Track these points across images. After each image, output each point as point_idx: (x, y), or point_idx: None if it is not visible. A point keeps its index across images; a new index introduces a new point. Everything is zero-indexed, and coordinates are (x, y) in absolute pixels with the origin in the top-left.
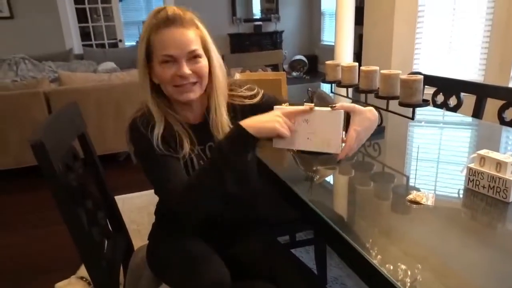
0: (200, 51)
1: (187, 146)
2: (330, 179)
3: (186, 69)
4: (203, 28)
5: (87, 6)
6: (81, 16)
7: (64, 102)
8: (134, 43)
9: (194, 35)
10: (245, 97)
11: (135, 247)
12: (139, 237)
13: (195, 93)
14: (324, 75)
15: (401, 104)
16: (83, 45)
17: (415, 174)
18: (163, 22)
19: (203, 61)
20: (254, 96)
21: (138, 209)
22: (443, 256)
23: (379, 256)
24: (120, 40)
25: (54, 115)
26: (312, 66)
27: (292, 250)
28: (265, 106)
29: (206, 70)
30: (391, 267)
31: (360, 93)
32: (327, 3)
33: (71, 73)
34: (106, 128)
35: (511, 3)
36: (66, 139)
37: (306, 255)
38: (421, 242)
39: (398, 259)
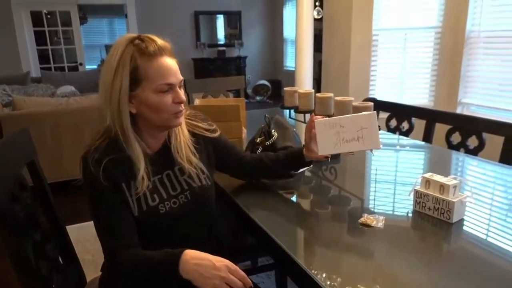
0: None
1: (141, 184)
2: (291, 201)
3: (184, 96)
4: None
5: (46, 28)
6: (40, 38)
7: (18, 127)
8: (95, 67)
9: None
10: (206, 130)
11: (90, 279)
12: (94, 268)
13: (182, 118)
14: None
15: None
16: (41, 68)
17: (370, 197)
18: (157, 51)
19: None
20: (214, 131)
21: (94, 238)
22: (392, 278)
23: (329, 281)
24: (81, 64)
25: (0, 143)
26: (276, 90)
27: (254, 276)
28: (222, 144)
29: None
30: None
31: None
32: (289, 31)
33: (26, 97)
34: (63, 154)
35: (457, 35)
36: (13, 167)
37: (267, 280)
38: (371, 264)
39: (348, 283)
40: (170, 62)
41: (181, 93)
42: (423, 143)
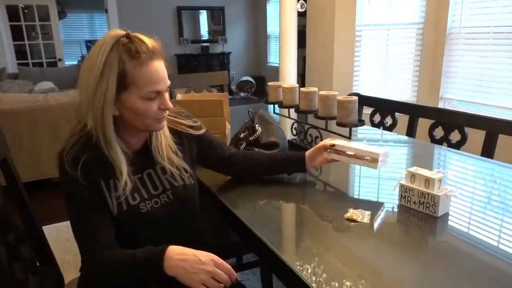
0: None
1: (122, 186)
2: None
3: (170, 103)
4: None
5: (23, 23)
6: (17, 33)
7: None
8: (75, 62)
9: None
10: (190, 127)
11: (71, 279)
12: (75, 269)
13: (165, 122)
14: None
15: (338, 124)
16: (18, 64)
17: (355, 192)
18: (147, 55)
19: None
20: (198, 128)
21: (74, 237)
22: (377, 273)
23: (314, 277)
24: (60, 59)
25: None
26: (260, 87)
27: (239, 273)
28: (207, 141)
29: None
30: None
31: (300, 114)
32: (273, 27)
33: (1, 93)
34: (41, 152)
35: (438, 31)
36: None
37: (252, 277)
38: (357, 259)
39: (333, 279)
40: (159, 67)
41: (167, 98)
42: (406, 137)
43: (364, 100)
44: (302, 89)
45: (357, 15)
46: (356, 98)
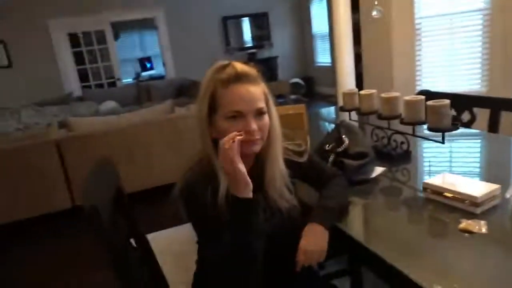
0: (265, 108)
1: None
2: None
3: (254, 125)
4: (264, 84)
5: (83, 49)
6: (78, 59)
7: (76, 149)
8: (131, 80)
9: (260, 92)
10: (295, 153)
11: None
12: None
13: (258, 147)
14: (321, 96)
15: (430, 130)
16: (82, 87)
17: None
18: (233, 78)
19: (266, 118)
20: (302, 153)
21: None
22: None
23: None
24: (118, 79)
25: (90, 175)
26: (309, 87)
27: None
28: (308, 168)
29: (268, 126)
30: None
31: (383, 120)
32: (318, 26)
33: (79, 118)
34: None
35: (505, 17)
36: (107, 196)
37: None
38: (478, 274)
39: None
40: (245, 90)
41: (251, 121)
42: (497, 134)
43: (435, 97)
44: (382, 95)
45: (415, 7)
46: (448, 101)
